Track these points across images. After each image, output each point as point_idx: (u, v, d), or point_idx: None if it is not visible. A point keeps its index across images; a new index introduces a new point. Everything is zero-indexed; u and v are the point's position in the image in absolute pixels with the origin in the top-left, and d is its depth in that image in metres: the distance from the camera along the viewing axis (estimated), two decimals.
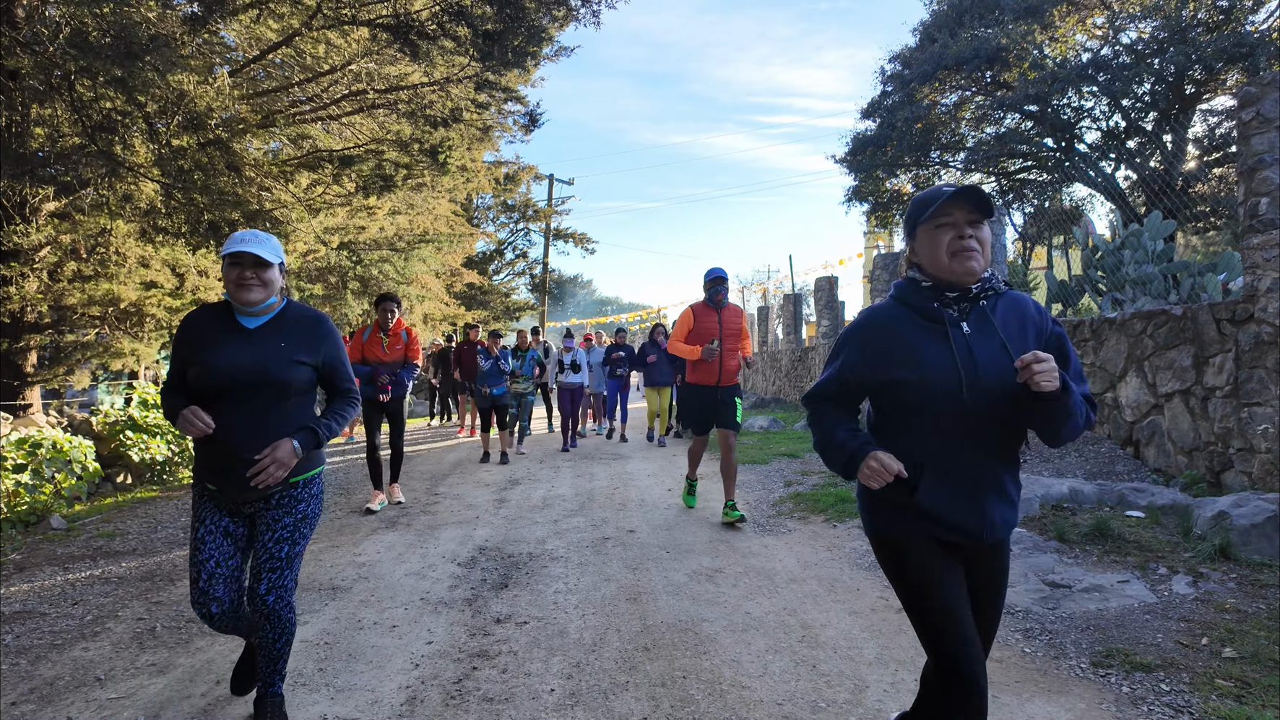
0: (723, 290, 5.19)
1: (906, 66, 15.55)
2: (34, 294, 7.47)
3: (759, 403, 15.73)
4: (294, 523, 2.30)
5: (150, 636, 3.21)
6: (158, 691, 2.67)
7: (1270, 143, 4.48)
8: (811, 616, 3.27)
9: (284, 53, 7.71)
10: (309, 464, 2.34)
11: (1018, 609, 3.24)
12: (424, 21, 6.70)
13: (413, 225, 13.09)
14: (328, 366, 2.39)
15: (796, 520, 5.12)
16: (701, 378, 5.15)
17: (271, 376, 2.21)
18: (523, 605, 3.51)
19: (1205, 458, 4.83)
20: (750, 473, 7.04)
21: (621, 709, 2.46)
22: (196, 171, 6.46)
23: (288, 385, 2.25)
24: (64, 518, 5.60)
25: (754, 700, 2.49)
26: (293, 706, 2.52)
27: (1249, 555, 3.53)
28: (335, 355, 2.41)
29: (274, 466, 2.16)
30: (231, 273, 2.22)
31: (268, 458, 2.15)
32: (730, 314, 5.21)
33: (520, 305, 25.02)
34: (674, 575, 3.93)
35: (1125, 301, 7.22)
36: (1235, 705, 2.31)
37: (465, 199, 20.81)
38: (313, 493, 2.38)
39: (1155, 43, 12.66)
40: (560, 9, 7.39)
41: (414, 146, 8.03)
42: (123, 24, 4.98)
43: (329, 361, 2.39)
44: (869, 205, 17.46)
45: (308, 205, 8.33)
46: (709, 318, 5.19)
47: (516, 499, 6.22)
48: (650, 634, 3.10)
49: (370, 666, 2.85)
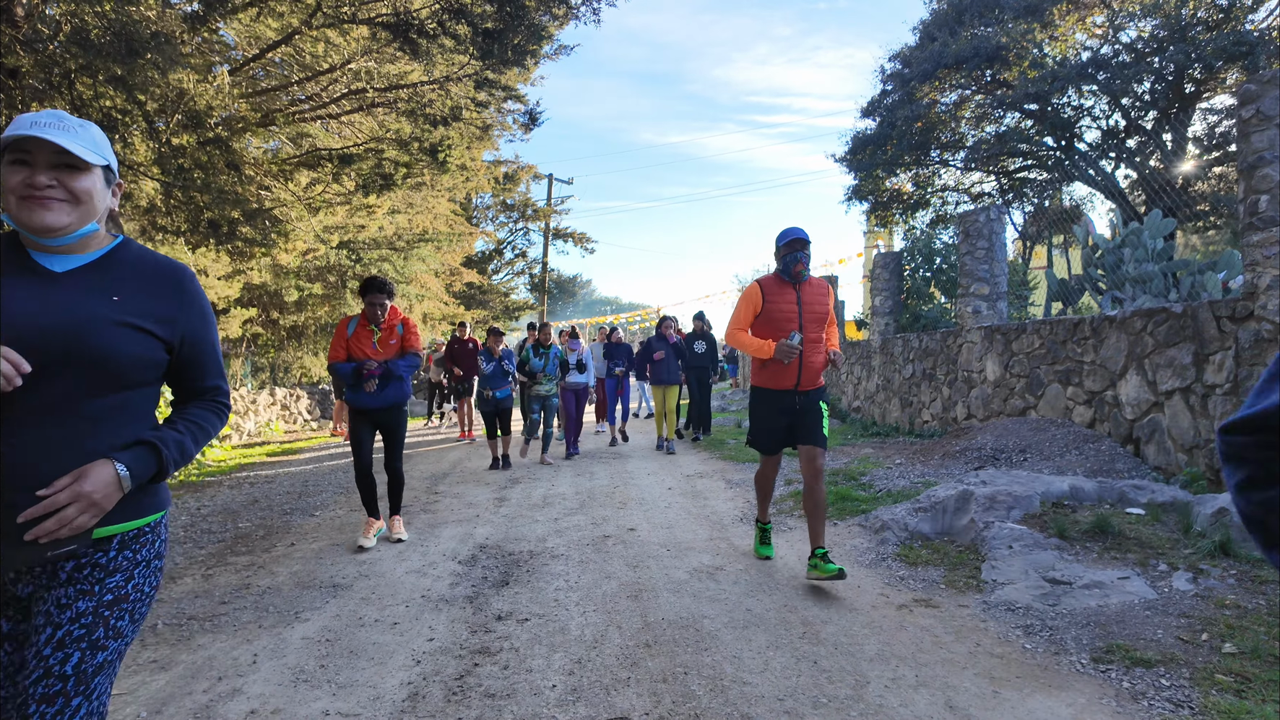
0: (803, 258, 3.78)
1: (906, 65, 15.56)
2: None
3: None
4: (97, 610, 1.30)
5: (151, 633, 3.21)
6: (159, 688, 2.67)
7: (1270, 140, 4.49)
8: (812, 613, 3.28)
9: (283, 51, 7.71)
10: (139, 507, 1.38)
11: (1019, 605, 3.25)
12: (424, 20, 6.70)
13: (412, 224, 13.09)
14: (188, 346, 1.46)
15: (797, 518, 5.13)
16: (773, 379, 3.83)
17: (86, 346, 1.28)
18: (524, 602, 3.51)
19: (1205, 455, 4.83)
20: (751, 471, 7.04)
21: (623, 704, 2.46)
22: (196, 170, 6.46)
23: (112, 364, 1.31)
24: None
25: (755, 696, 2.50)
26: (294, 703, 2.52)
27: (1249, 552, 3.53)
28: (200, 330, 1.49)
29: (74, 508, 1.24)
30: (13, 178, 1.31)
31: (65, 491, 1.24)
32: (813, 291, 3.87)
33: (519, 305, 25.03)
34: (675, 573, 3.94)
35: (1125, 299, 7.23)
36: (1235, 700, 2.31)
37: (465, 198, 20.79)
38: (141, 558, 1.39)
39: (1155, 41, 12.67)
40: (560, 7, 7.39)
41: (414, 145, 8.02)
42: (124, 22, 4.97)
43: (191, 338, 1.46)
44: (869, 204, 17.48)
45: (307, 204, 8.32)
46: (784, 297, 3.82)
47: (517, 497, 6.22)
48: (651, 630, 3.11)
49: (372, 663, 2.85)
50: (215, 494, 6.71)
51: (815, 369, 3.82)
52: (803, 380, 3.79)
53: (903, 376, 9.51)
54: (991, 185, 17.36)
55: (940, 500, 4.53)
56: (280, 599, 3.66)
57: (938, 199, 17.85)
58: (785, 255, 3.83)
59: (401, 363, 4.66)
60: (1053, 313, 10.24)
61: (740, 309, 3.90)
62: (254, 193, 7.63)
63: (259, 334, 12.76)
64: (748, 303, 3.87)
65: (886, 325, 10.54)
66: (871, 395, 10.60)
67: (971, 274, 7.95)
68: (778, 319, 3.80)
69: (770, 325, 3.82)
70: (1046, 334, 6.56)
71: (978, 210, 8.11)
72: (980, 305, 7.85)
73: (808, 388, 3.82)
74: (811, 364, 3.80)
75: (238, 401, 11.47)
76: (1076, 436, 5.86)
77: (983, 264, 7.87)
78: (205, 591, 3.82)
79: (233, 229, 7.27)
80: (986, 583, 3.57)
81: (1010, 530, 3.99)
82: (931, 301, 11.67)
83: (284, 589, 3.83)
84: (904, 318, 11.20)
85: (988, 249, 7.89)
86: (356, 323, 4.70)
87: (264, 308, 12.47)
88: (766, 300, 3.84)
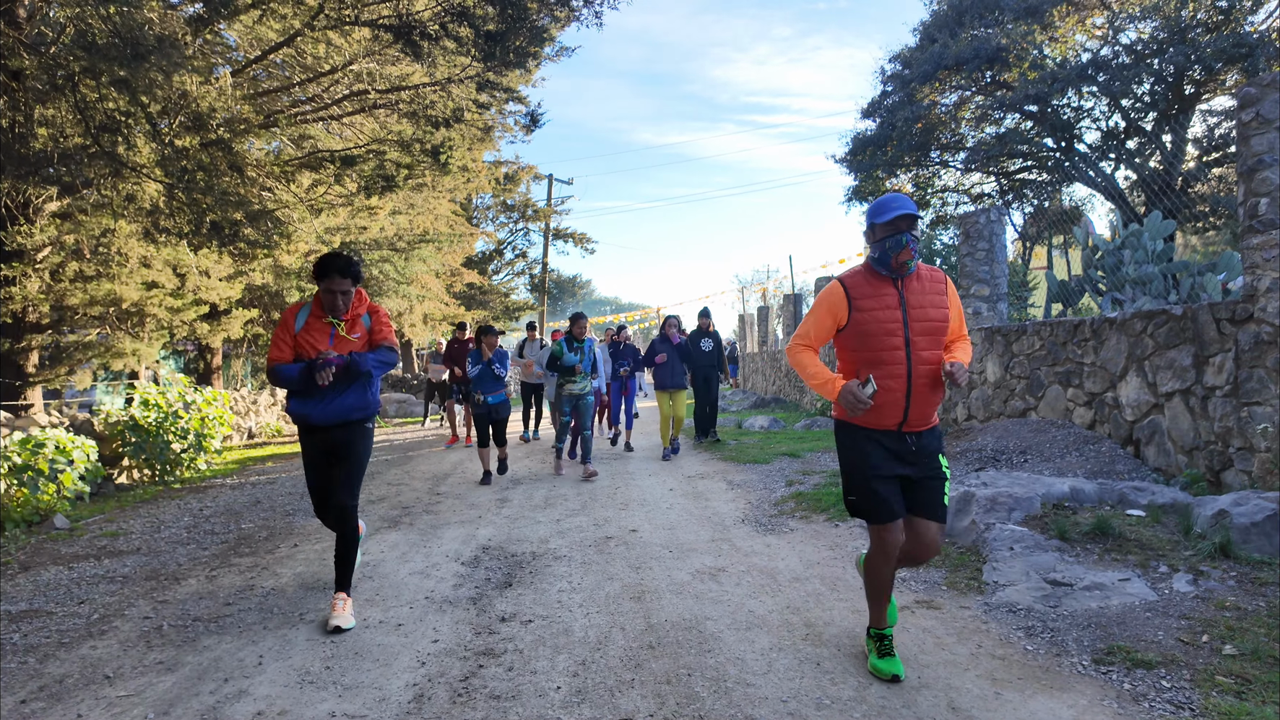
0: (910, 242, 2.60)
1: (906, 66, 15.59)
2: (36, 294, 7.49)
3: (759, 402, 15.76)
4: None
5: (157, 635, 3.23)
6: (166, 689, 2.68)
7: (1270, 143, 4.51)
8: (815, 615, 3.29)
9: (285, 53, 7.73)
10: None
11: (1020, 606, 3.26)
12: (426, 22, 6.72)
13: (413, 225, 13.11)
14: None
15: (799, 519, 5.14)
16: (866, 414, 2.65)
17: None
18: (527, 604, 3.53)
19: (1205, 457, 4.85)
20: (752, 472, 7.06)
21: (628, 706, 2.48)
22: (199, 172, 6.48)
23: None
24: (67, 517, 5.61)
25: (759, 697, 2.51)
26: (300, 704, 2.54)
27: (1249, 553, 3.55)
28: None
29: None
30: None
31: None
32: (924, 289, 2.69)
33: (520, 305, 25.07)
34: (677, 574, 3.95)
35: (1125, 301, 7.25)
36: (1235, 701, 2.33)
37: (465, 199, 20.80)
38: None
39: (1155, 43, 12.69)
40: (562, 9, 7.41)
41: (415, 147, 8.05)
42: (129, 25, 4.99)
43: None
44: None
45: (310, 205, 8.34)
46: (881, 299, 2.65)
47: (519, 498, 6.24)
48: (654, 632, 3.12)
49: (377, 665, 2.87)
50: (218, 495, 6.72)
51: (931, 399, 2.62)
52: (912, 415, 2.60)
53: None
54: (991, 186, 17.39)
55: None
56: (285, 600, 3.68)
57: (938, 200, 17.88)
58: (885, 238, 2.61)
59: (371, 356, 3.45)
60: (1053, 314, 10.27)
61: (814, 318, 2.75)
62: (256, 194, 7.65)
63: (260, 334, 12.77)
64: (826, 310, 2.70)
65: None
66: None
67: (972, 275, 7.97)
68: (873, 331, 2.60)
69: (861, 341, 2.63)
70: (1047, 335, 6.58)
71: (978, 211, 8.12)
72: (980, 306, 7.87)
73: (919, 426, 2.64)
74: (925, 393, 2.60)
75: (238, 402, 11.48)
76: (1077, 438, 5.88)
77: (983, 265, 7.89)
78: (210, 593, 3.83)
79: (235, 230, 7.29)
80: (988, 584, 3.58)
81: (1011, 532, 4.01)
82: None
83: (288, 590, 3.84)
84: None
85: (988, 250, 7.91)
86: (308, 313, 3.44)
87: (265, 308, 12.49)
88: (855, 305, 2.64)
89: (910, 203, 2.62)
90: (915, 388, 2.59)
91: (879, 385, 2.58)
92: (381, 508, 5.95)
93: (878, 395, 2.58)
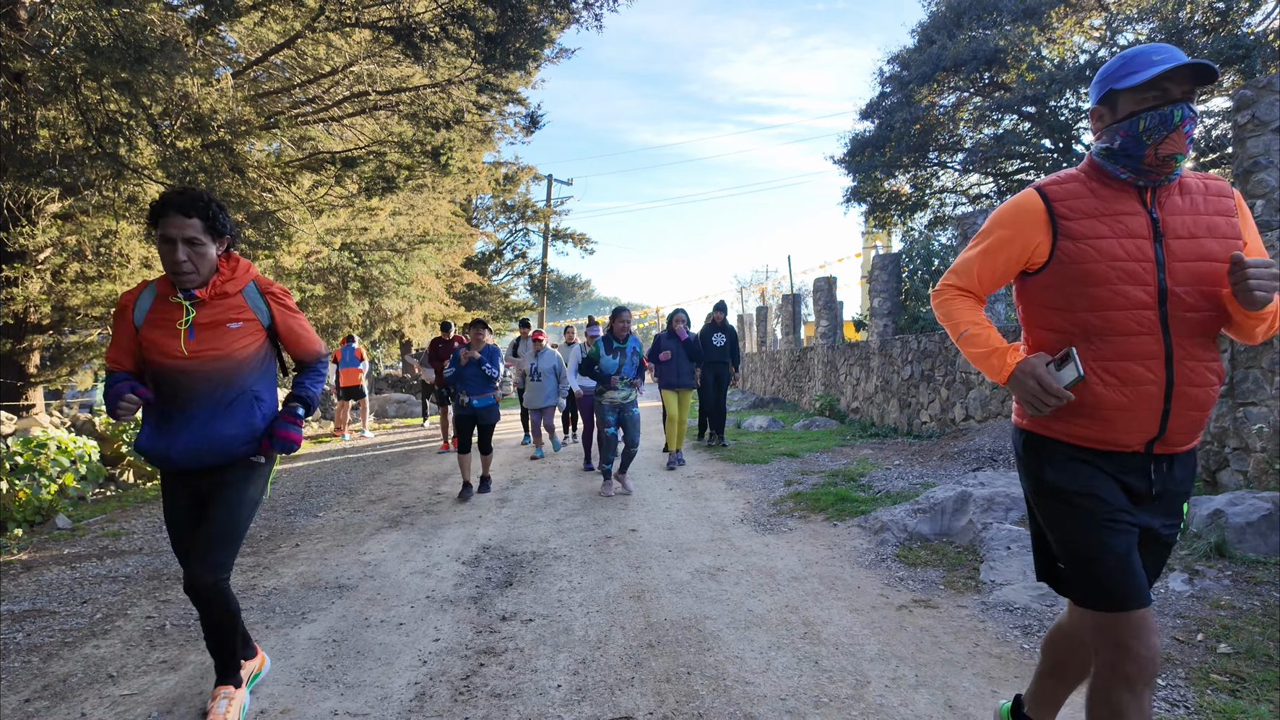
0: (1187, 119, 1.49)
1: (905, 68, 15.63)
2: (37, 295, 7.51)
3: (758, 403, 15.79)
4: None
5: (160, 634, 3.25)
6: (170, 688, 2.71)
7: (1266, 145, 4.53)
8: (813, 614, 3.32)
9: (286, 55, 7.76)
10: None
11: (1017, 605, 3.29)
12: (426, 24, 6.75)
13: (413, 226, 13.14)
14: None
15: (797, 519, 5.17)
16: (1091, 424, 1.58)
17: None
18: (528, 603, 3.55)
19: (1201, 456, 4.88)
20: (751, 472, 7.08)
21: (628, 704, 2.50)
22: (200, 173, 6.50)
23: None
24: (69, 517, 5.63)
25: (758, 696, 2.54)
26: (303, 703, 2.56)
27: (1244, 553, 3.58)
28: None
29: None
30: None
31: None
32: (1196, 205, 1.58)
33: (519, 305, 25.09)
34: (676, 573, 3.98)
35: None
36: (1230, 700, 2.36)
37: (465, 199, 20.83)
38: None
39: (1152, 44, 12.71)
40: (562, 12, 7.44)
41: (416, 148, 8.07)
42: (131, 28, 5.01)
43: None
44: (867, 205, 17.53)
45: (310, 206, 8.37)
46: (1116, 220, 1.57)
47: (519, 498, 6.26)
48: (654, 631, 3.15)
49: (379, 663, 2.89)
50: None
51: (1204, 396, 1.56)
52: (1173, 425, 1.56)
53: (901, 378, 9.56)
54: (989, 187, 17.42)
55: (939, 501, 4.58)
56: (286, 600, 3.70)
57: (936, 200, 17.91)
58: (1136, 113, 1.54)
59: (305, 384, 2.60)
60: None
61: (982, 248, 1.71)
62: (257, 195, 7.67)
63: None
64: (1012, 234, 1.65)
65: (885, 327, 10.58)
66: (870, 396, 10.65)
67: None
68: (1099, 275, 1.55)
69: (1075, 292, 1.58)
70: None
71: (976, 212, 8.16)
72: None
73: (1179, 444, 1.60)
74: (1195, 386, 1.55)
75: None
76: None
77: None
78: None
79: (236, 232, 7.32)
80: (985, 583, 3.61)
81: (1008, 531, 4.03)
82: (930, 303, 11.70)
83: (290, 590, 3.86)
84: (903, 319, 11.25)
85: None
86: (153, 295, 2.32)
87: None
88: (1064, 229, 1.59)
89: (1181, 53, 1.52)
90: (1179, 376, 1.53)
91: (1104, 371, 1.55)
92: (382, 507, 5.97)
93: (1105, 388, 1.54)
